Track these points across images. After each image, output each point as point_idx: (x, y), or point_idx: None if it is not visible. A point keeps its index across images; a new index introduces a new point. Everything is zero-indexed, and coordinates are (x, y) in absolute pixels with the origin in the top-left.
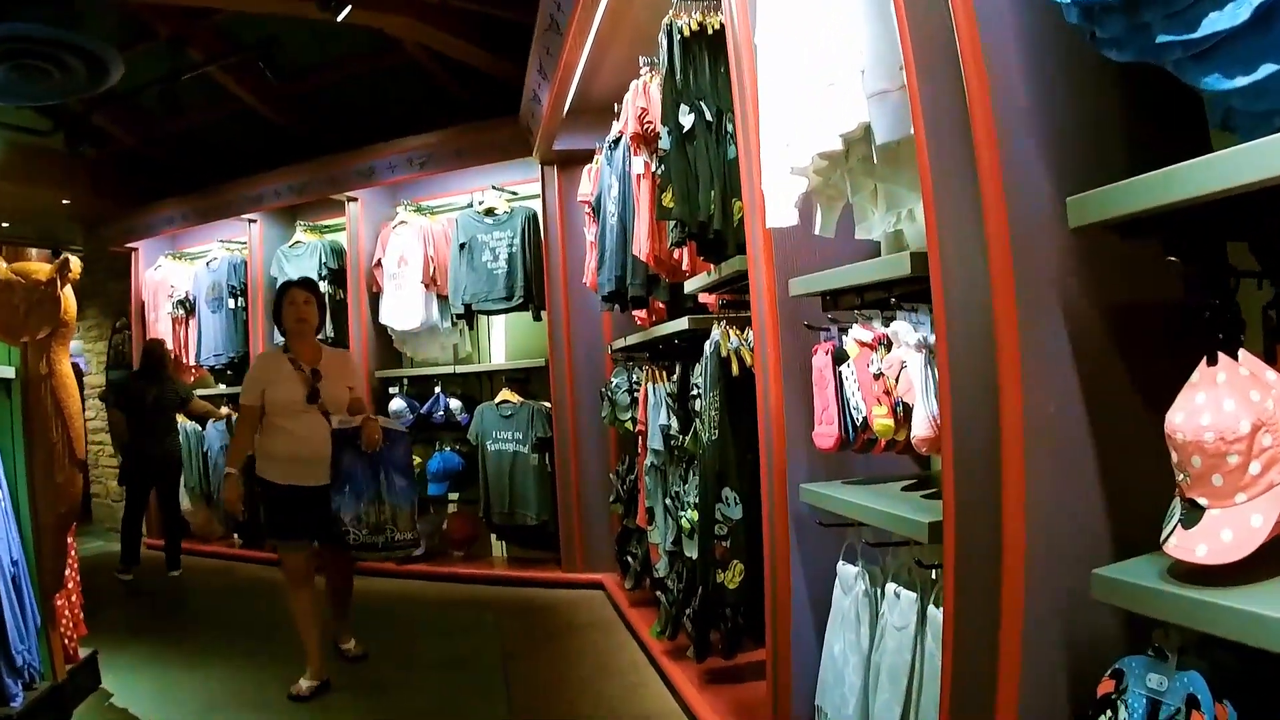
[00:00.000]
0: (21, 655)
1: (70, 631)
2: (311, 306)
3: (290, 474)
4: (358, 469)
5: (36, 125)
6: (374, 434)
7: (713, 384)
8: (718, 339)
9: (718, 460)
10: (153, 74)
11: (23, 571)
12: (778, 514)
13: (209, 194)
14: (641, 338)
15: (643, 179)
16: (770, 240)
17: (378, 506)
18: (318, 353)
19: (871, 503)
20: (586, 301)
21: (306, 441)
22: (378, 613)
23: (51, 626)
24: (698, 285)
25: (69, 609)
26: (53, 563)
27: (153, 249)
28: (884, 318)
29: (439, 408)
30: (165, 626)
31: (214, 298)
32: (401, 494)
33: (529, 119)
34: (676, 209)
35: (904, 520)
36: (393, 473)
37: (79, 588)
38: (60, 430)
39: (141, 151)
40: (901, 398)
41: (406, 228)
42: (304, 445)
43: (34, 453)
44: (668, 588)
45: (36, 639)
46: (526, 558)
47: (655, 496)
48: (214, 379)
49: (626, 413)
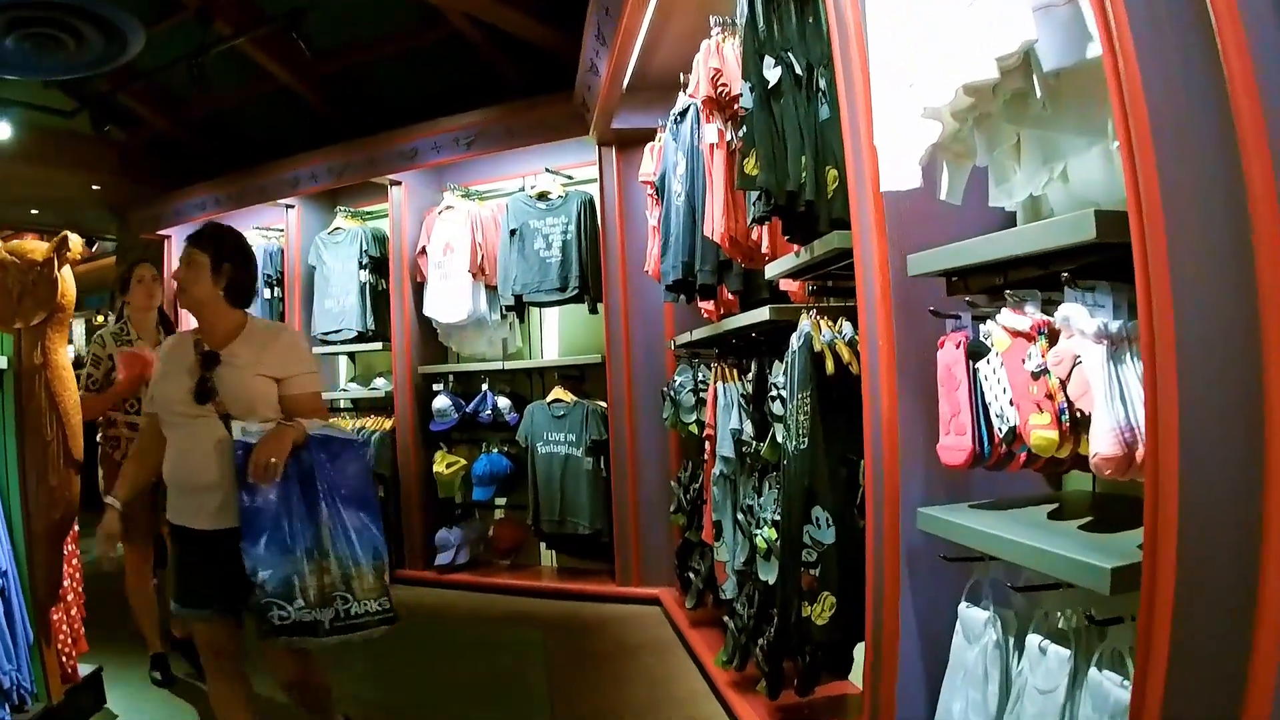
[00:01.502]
0: (9, 676)
1: (69, 648)
2: (200, 270)
3: (177, 509)
4: (281, 506)
5: (61, 105)
6: (272, 452)
7: (802, 384)
8: (808, 332)
9: (807, 474)
10: (180, 50)
11: (13, 583)
12: (887, 542)
13: (243, 178)
14: (710, 331)
15: (716, 149)
16: (882, 209)
17: (319, 564)
18: (232, 331)
19: (1020, 536)
20: (647, 293)
21: (187, 460)
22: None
23: (46, 643)
24: (781, 269)
25: (67, 623)
26: (47, 573)
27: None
28: (1042, 301)
29: (486, 406)
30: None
31: None
32: (358, 540)
33: (584, 93)
34: (761, 177)
35: (1074, 563)
36: (340, 508)
37: (81, 599)
38: (55, 427)
39: (173, 134)
40: (1073, 403)
41: (453, 213)
42: (184, 466)
43: (26, 452)
44: (736, 612)
45: (29, 657)
46: (577, 568)
47: (724, 509)
48: None
49: (691, 415)
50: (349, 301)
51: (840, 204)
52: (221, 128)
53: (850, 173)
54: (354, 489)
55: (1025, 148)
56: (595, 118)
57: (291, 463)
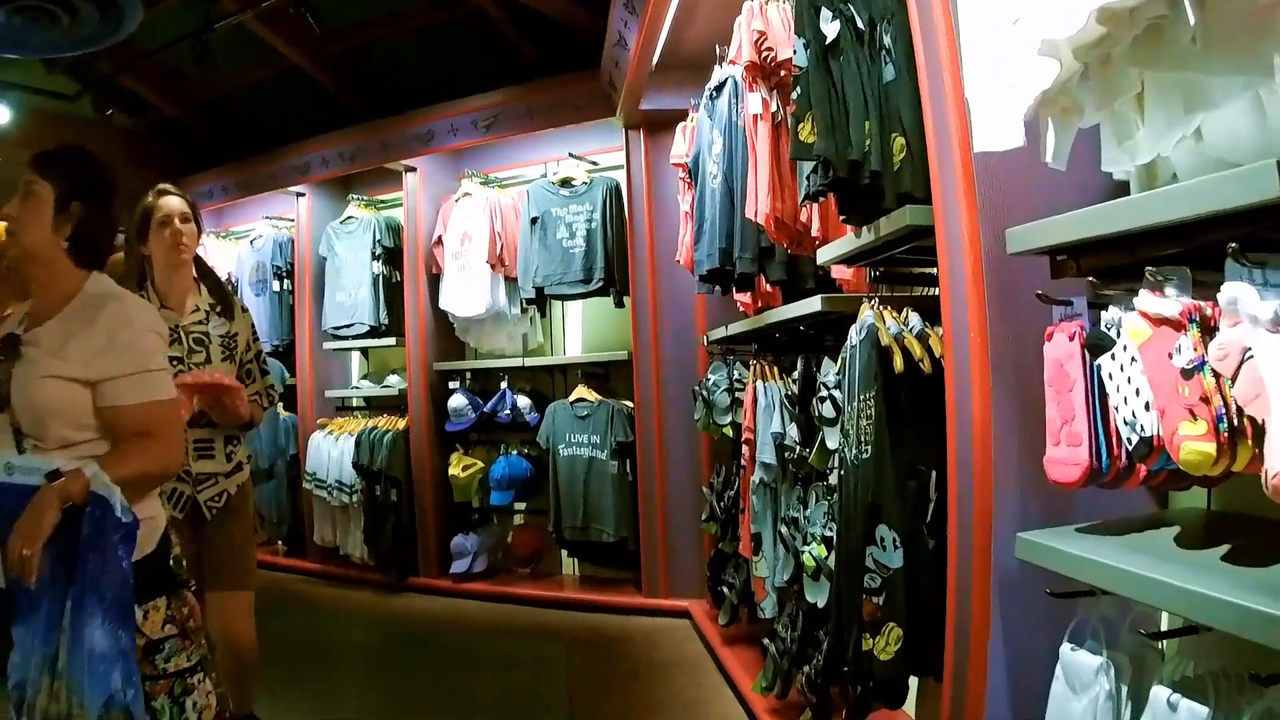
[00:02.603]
0: None
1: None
2: (38, 207)
3: None
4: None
5: (64, 89)
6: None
7: (865, 384)
8: (871, 323)
9: (871, 488)
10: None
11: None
12: (976, 571)
13: (251, 164)
14: (749, 325)
15: (760, 120)
16: (972, 177)
17: (49, 679)
18: (59, 303)
19: (1158, 572)
20: (677, 285)
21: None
22: (422, 638)
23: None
24: (837, 253)
25: None
26: None
27: None
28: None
29: (505, 406)
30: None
31: (258, 279)
32: (93, 668)
33: (611, 70)
34: (819, 144)
35: (1243, 611)
36: (83, 613)
37: None
38: None
39: (179, 119)
40: (1239, 408)
41: (471, 201)
42: None
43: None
44: (778, 634)
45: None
46: (601, 578)
47: (764, 520)
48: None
49: (726, 416)
50: (361, 294)
51: (908, 176)
52: (229, 112)
53: (930, 134)
54: (102, 586)
55: (1157, 96)
56: (623, 97)
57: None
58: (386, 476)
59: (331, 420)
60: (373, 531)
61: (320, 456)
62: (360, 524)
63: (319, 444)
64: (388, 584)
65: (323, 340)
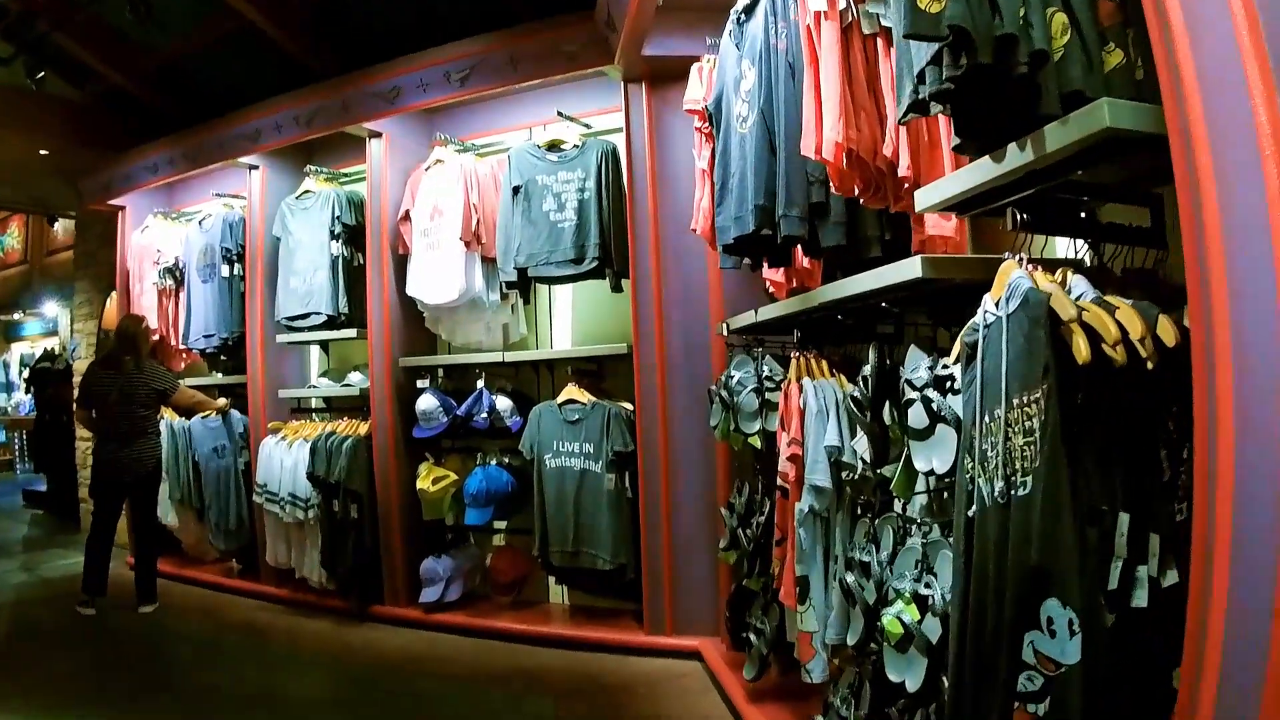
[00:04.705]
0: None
1: None
2: None
3: None
4: None
5: None
6: None
7: (1025, 380)
8: (1028, 288)
9: (1036, 543)
10: None
11: None
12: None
13: (198, 132)
14: (793, 308)
15: (827, 18)
16: (1265, 49)
17: None
18: None
19: None
20: (687, 265)
21: None
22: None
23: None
24: (957, 189)
25: None
26: None
27: (143, 207)
28: None
29: (482, 408)
30: (120, 687)
31: (205, 264)
32: None
33: (609, 6)
34: (951, 8)
35: None
36: None
37: None
38: None
39: (126, 88)
40: None
41: (443, 169)
42: None
43: None
44: (832, 707)
45: None
46: (595, 608)
47: (812, 559)
48: (207, 365)
49: (753, 422)
50: (318, 279)
51: (1078, 69)
52: (181, 78)
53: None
54: None
55: None
56: (623, 41)
57: None
58: (346, 490)
59: (285, 424)
60: (331, 553)
61: (271, 466)
62: (317, 543)
63: (270, 451)
64: (349, 612)
65: (276, 333)
